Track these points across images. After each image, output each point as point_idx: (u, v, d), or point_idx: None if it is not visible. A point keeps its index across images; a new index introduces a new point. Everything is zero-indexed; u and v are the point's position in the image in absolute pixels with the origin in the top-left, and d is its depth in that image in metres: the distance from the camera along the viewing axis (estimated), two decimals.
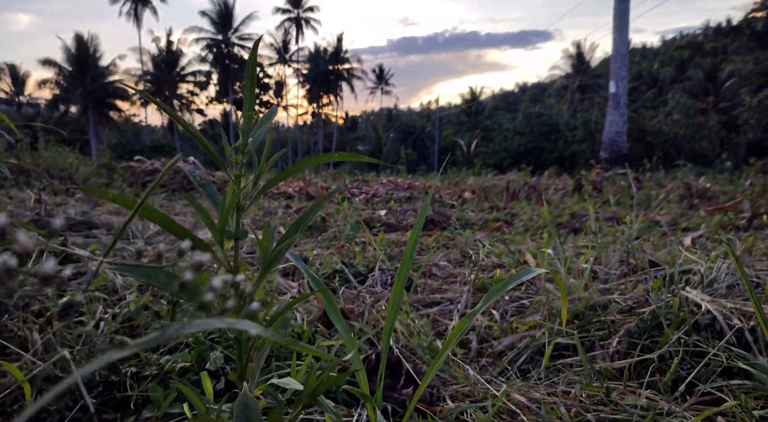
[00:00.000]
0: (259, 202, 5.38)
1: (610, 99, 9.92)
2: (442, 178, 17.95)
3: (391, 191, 6.67)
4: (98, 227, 2.74)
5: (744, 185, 5.44)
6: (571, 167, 36.02)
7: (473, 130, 56.71)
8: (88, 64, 38.72)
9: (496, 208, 5.21)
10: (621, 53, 9.63)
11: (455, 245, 2.87)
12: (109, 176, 6.73)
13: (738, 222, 3.42)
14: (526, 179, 6.74)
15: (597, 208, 4.93)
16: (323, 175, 15.63)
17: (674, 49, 54.70)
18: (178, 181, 6.77)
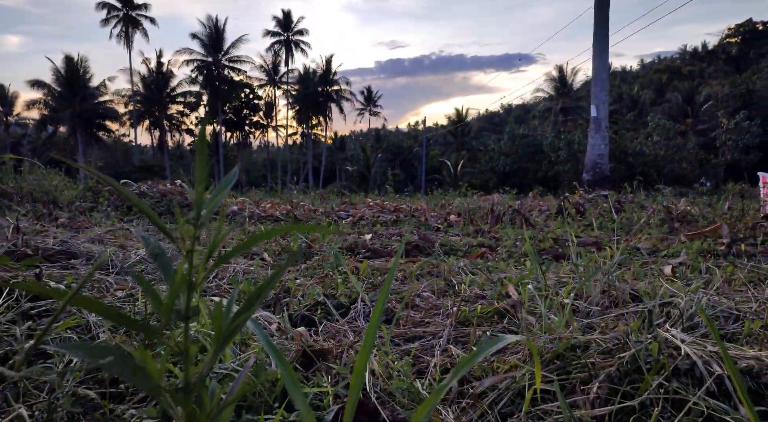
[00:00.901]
0: (245, 227, 5.33)
1: (592, 122, 10.12)
2: (428, 199, 18.02)
3: (378, 214, 6.67)
4: (78, 256, 2.69)
5: (723, 208, 5.54)
6: (556, 187, 36.50)
7: (460, 151, 57.33)
8: (78, 85, 38.57)
9: (481, 232, 5.23)
10: (601, 79, 9.87)
11: (439, 273, 2.86)
12: (95, 200, 6.64)
13: (717, 248, 3.47)
14: (510, 203, 6.80)
15: (580, 232, 4.98)
16: (312, 196, 15.62)
17: (653, 72, 56.30)
18: (165, 204, 6.70)
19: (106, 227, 4.93)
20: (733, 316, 1.83)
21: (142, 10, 40.46)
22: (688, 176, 30.32)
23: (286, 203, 7.44)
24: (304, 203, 7.33)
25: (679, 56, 67.09)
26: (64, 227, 4.89)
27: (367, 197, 17.23)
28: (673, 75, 50.36)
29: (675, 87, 44.09)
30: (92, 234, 3.63)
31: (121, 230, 4.14)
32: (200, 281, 0.64)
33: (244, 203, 7.17)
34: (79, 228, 4.81)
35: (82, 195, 6.71)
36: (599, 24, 9.88)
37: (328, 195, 15.54)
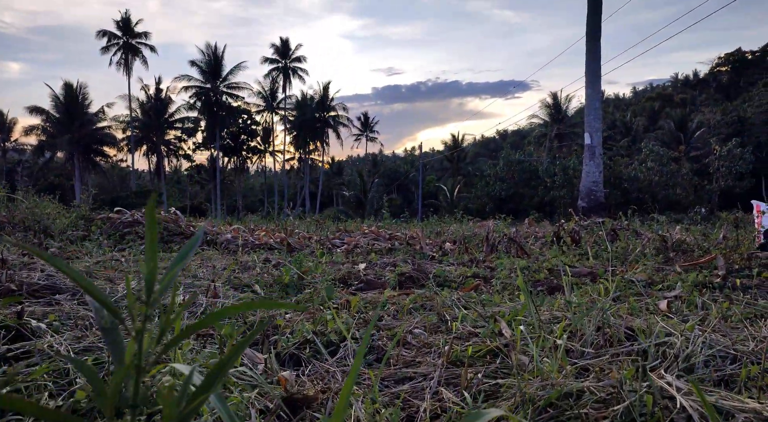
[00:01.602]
0: (238, 256, 5.28)
1: (586, 150, 10.22)
2: (424, 225, 17.99)
3: (373, 242, 6.64)
4: (63, 291, 2.63)
5: (718, 237, 5.53)
6: (552, 212, 36.62)
7: (456, 176, 57.68)
8: (77, 112, 38.88)
9: (476, 261, 5.19)
10: (594, 107, 10.01)
11: (433, 307, 2.82)
12: (87, 228, 6.59)
13: (713, 280, 3.44)
14: (506, 231, 6.78)
15: (575, 261, 4.94)
16: (307, 222, 15.57)
17: (645, 100, 57.28)
18: (158, 232, 6.64)
19: (96, 257, 4.87)
20: (731, 356, 1.79)
21: (143, 38, 41.18)
22: (683, 201, 30.49)
23: (281, 230, 7.40)
24: (299, 231, 7.29)
25: (671, 84, 68.46)
26: (54, 257, 4.83)
27: (363, 223, 17.21)
28: (665, 102, 51.23)
29: (667, 114, 44.80)
30: (82, 266, 3.58)
31: (111, 262, 4.09)
32: (152, 364, 0.60)
33: (238, 230, 7.13)
34: (70, 258, 4.75)
35: (75, 223, 6.66)
36: (591, 55, 10.08)
37: (324, 221, 15.50)
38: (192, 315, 2.48)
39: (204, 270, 4.04)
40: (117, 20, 40.43)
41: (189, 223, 7.15)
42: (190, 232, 6.76)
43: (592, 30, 10.06)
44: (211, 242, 6.46)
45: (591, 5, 10.10)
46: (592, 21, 10.09)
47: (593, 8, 10.08)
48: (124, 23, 40.25)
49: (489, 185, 43.86)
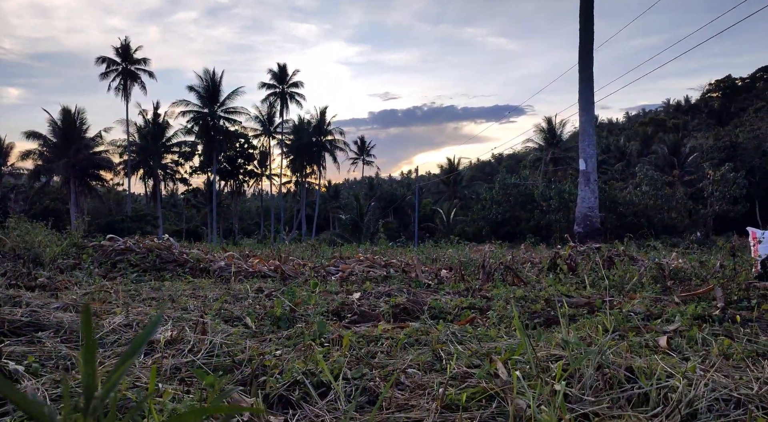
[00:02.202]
0: (231, 285, 5.20)
1: (581, 176, 10.27)
2: (420, 250, 17.90)
3: (368, 269, 6.57)
4: (46, 328, 2.56)
5: (715, 265, 5.50)
6: (548, 235, 36.62)
7: (452, 199, 57.84)
8: (74, 137, 39.02)
9: (473, 290, 5.13)
10: (588, 134, 10.11)
11: (427, 342, 2.75)
12: (78, 256, 6.50)
13: (712, 312, 3.39)
14: (502, 259, 6.73)
15: (572, 290, 4.89)
16: (303, 246, 15.49)
17: (639, 125, 58.06)
18: (151, 260, 6.56)
19: (85, 288, 4.78)
20: (734, 400, 1.74)
21: (141, 64, 41.70)
22: (678, 225, 30.59)
23: (276, 256, 7.33)
24: (294, 258, 7.22)
25: (663, 109, 69.55)
26: (43, 288, 4.74)
27: (359, 247, 17.12)
28: (658, 127, 51.96)
29: (660, 139, 45.37)
30: (69, 299, 3.50)
31: (99, 293, 4.00)
32: None
33: (232, 257, 7.06)
34: (58, 289, 4.66)
35: (66, 251, 6.58)
36: (584, 84, 10.24)
37: (320, 246, 15.42)
38: (179, 353, 2.40)
39: (195, 301, 3.96)
40: (116, 47, 41.03)
41: (182, 250, 7.07)
42: (183, 259, 6.68)
43: (584, 60, 10.24)
44: (204, 270, 6.38)
45: (583, 37, 10.31)
46: (584, 51, 10.28)
47: (585, 39, 10.28)
48: (124, 50, 40.81)
49: (485, 208, 43.96)
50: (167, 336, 2.53)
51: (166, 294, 4.43)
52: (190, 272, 6.31)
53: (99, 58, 40.39)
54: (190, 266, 6.49)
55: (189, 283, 5.42)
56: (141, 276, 6.01)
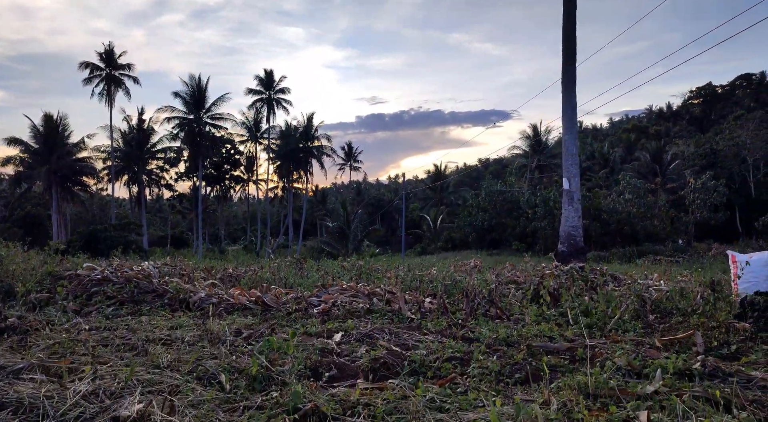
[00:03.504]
0: (209, 323, 5.09)
1: (564, 195, 10.33)
2: (406, 263, 17.84)
3: (352, 299, 6.50)
4: (5, 406, 2.45)
5: (696, 300, 5.54)
6: (534, 242, 36.88)
7: (439, 205, 58.01)
8: (56, 143, 38.33)
9: (456, 326, 5.11)
10: (571, 153, 10.18)
11: (407, 410, 2.70)
12: (53, 286, 6.33)
13: (693, 364, 3.39)
14: (486, 286, 6.70)
15: (554, 328, 4.88)
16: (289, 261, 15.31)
17: (622, 131, 58.89)
18: (129, 290, 6.42)
19: (57, 329, 4.65)
20: None
21: (126, 70, 41.15)
22: (660, 233, 31.02)
23: (257, 284, 7.22)
24: (275, 287, 7.11)
25: (646, 115, 70.66)
26: (13, 330, 4.60)
27: (345, 261, 17.01)
28: (641, 134, 52.74)
29: (643, 146, 46.03)
30: (35, 356, 3.38)
31: (69, 343, 3.88)
32: None
33: (213, 286, 6.94)
34: (28, 332, 4.53)
35: (41, 281, 6.40)
36: (567, 103, 10.31)
37: (305, 260, 15.29)
38: None
39: (170, 352, 3.86)
40: (100, 52, 40.44)
41: (162, 280, 6.93)
42: (162, 289, 6.54)
43: (567, 79, 10.32)
44: (183, 302, 6.26)
45: (566, 56, 10.39)
46: (567, 70, 10.36)
47: (568, 58, 10.37)
48: (108, 55, 40.23)
49: (471, 215, 44.15)
50: (133, 413, 2.44)
51: (140, 338, 4.32)
52: (169, 304, 6.18)
53: (82, 64, 39.78)
54: (169, 296, 6.36)
55: (167, 320, 5.31)
56: (118, 310, 5.88)
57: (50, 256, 16.93)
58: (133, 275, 6.70)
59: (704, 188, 29.14)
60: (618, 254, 27.36)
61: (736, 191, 36.65)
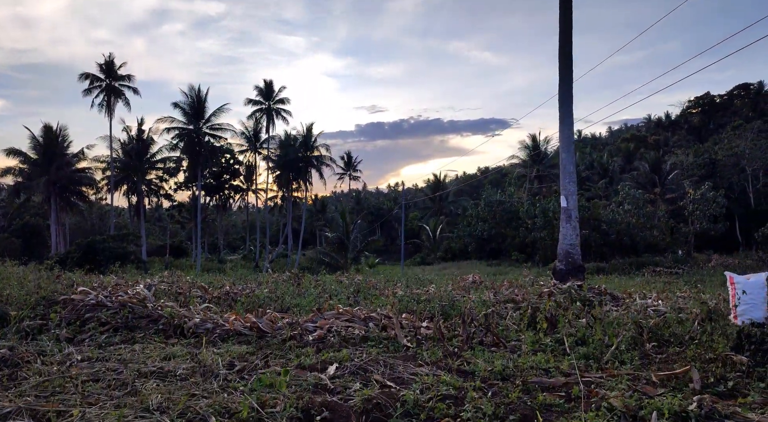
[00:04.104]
0: (203, 353, 5.05)
1: (563, 213, 10.32)
2: (405, 276, 17.77)
3: (347, 325, 6.46)
4: None
5: (694, 327, 5.51)
6: (533, 252, 36.84)
7: (438, 215, 57.99)
8: (55, 154, 38.39)
9: (452, 356, 5.08)
10: (569, 171, 10.18)
11: None
12: (47, 312, 6.29)
13: (688, 405, 3.36)
14: (481, 314, 6.65)
15: (551, 360, 4.83)
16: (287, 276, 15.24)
17: (621, 141, 59.02)
18: (123, 316, 6.37)
19: (49, 362, 4.61)
20: None
21: (125, 80, 41.31)
22: (660, 243, 30.98)
23: (252, 312, 7.18)
24: (270, 311, 7.06)
25: (645, 125, 70.86)
26: (3, 362, 4.56)
27: (343, 275, 16.95)
28: (639, 143, 52.85)
29: (642, 155, 46.09)
30: (22, 400, 3.34)
31: (57, 381, 3.84)
32: None
33: (208, 311, 6.89)
34: (19, 365, 4.49)
35: (34, 307, 6.36)
36: (564, 121, 10.33)
37: (303, 275, 15.23)
38: None
39: (162, 388, 3.82)
40: (100, 63, 40.62)
41: (158, 303, 6.88)
42: (157, 314, 6.50)
43: (564, 98, 10.35)
44: (178, 328, 6.21)
45: (562, 75, 10.44)
46: (563, 90, 10.40)
47: (564, 78, 10.41)
48: (108, 66, 40.40)
49: (471, 225, 44.16)
50: None
51: (132, 372, 4.28)
52: (164, 330, 6.14)
53: (82, 75, 39.94)
54: (163, 322, 6.31)
55: (160, 349, 5.26)
56: (111, 337, 5.83)
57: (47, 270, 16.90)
58: (128, 299, 6.66)
59: (703, 199, 29.14)
60: (618, 265, 27.31)
61: (735, 200, 36.66)
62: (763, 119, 45.80)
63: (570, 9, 10.75)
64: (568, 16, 10.83)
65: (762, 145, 37.89)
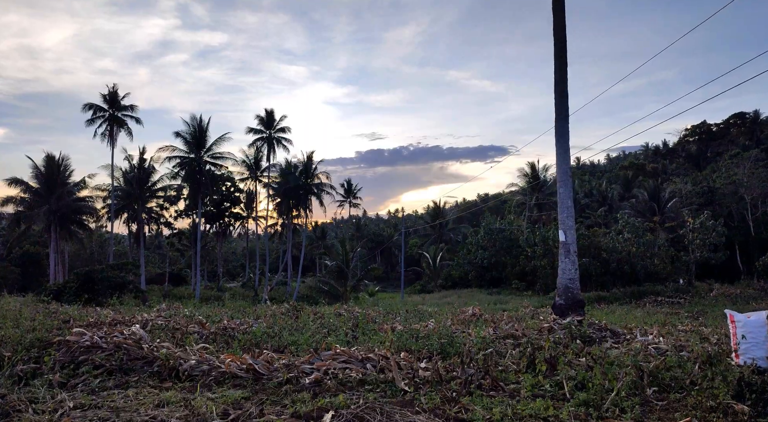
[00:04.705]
0: (197, 398, 4.99)
1: (561, 247, 10.31)
2: (405, 308, 17.62)
3: (345, 367, 6.38)
4: None
5: (694, 369, 5.45)
6: (533, 281, 36.60)
7: (438, 242, 57.85)
8: (56, 183, 38.61)
9: (450, 402, 5.01)
10: (566, 205, 10.23)
11: None
12: (40, 355, 6.22)
13: None
14: (480, 355, 6.58)
15: (549, 407, 4.76)
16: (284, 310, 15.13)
17: (619, 168, 59.40)
18: (118, 358, 6.31)
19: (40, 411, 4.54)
20: None
21: (129, 110, 41.89)
22: (661, 272, 30.81)
23: (248, 352, 7.10)
24: (267, 352, 6.98)
25: (642, 152, 71.44)
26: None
27: (342, 307, 16.82)
28: (638, 171, 53.19)
29: (641, 183, 46.32)
30: None
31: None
32: None
33: (204, 352, 6.82)
34: (9, 415, 4.43)
35: (28, 348, 6.30)
36: (561, 155, 10.45)
37: (302, 308, 15.12)
38: None
39: None
40: (104, 94, 41.28)
41: (153, 344, 6.82)
42: (153, 356, 6.43)
43: (560, 133, 10.50)
44: (173, 370, 6.14)
45: (558, 110, 10.61)
46: (560, 125, 10.55)
47: (560, 113, 10.58)
48: (111, 96, 41.04)
49: (471, 252, 44.03)
50: None
51: None
52: (158, 373, 6.07)
53: (86, 105, 40.52)
54: (159, 364, 6.24)
55: (154, 395, 5.19)
56: (105, 380, 5.76)
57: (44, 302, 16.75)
58: (123, 340, 6.60)
59: (703, 228, 29.13)
60: (619, 294, 27.09)
61: (735, 229, 36.65)
62: (760, 148, 46.22)
63: (564, 48, 11.02)
64: (563, 54, 11.09)
65: (760, 173, 38.12)
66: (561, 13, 11.19)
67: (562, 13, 11.18)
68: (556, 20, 11.21)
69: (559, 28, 11.18)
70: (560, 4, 11.33)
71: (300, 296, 43.16)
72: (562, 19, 11.12)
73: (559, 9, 11.31)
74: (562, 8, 11.37)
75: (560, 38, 11.11)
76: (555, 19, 11.28)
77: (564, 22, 11.16)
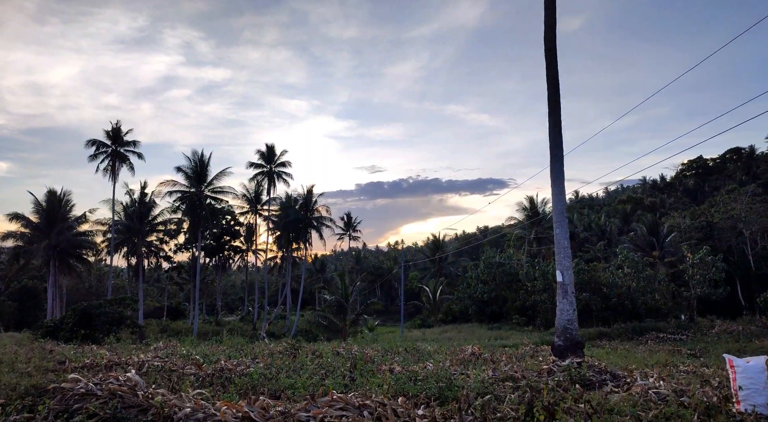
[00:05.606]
0: None
1: (559, 288, 10.33)
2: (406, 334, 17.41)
3: (341, 414, 6.32)
4: None
5: (693, 419, 5.41)
6: (534, 316, 36.24)
7: (438, 276, 57.55)
8: (57, 218, 38.79)
9: None
10: (563, 246, 10.31)
11: None
12: (35, 403, 6.18)
13: None
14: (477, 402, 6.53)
15: None
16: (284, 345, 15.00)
17: (618, 202, 59.75)
18: (112, 407, 6.26)
19: None
20: None
21: (131, 146, 42.51)
22: (662, 308, 30.56)
23: (245, 398, 7.05)
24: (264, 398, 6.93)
25: (641, 186, 72.02)
26: None
27: (340, 345, 16.63)
28: (636, 205, 53.48)
29: (639, 217, 46.49)
30: None
31: None
32: None
33: (200, 398, 6.76)
34: None
35: (23, 396, 6.26)
36: (556, 196, 10.61)
37: (300, 346, 14.96)
38: None
39: None
40: (107, 130, 41.98)
41: (149, 390, 6.77)
42: (147, 404, 6.38)
43: (555, 174, 10.69)
44: (168, 419, 6.08)
45: (553, 152, 10.85)
46: (554, 166, 10.77)
47: (555, 154, 10.81)
48: (114, 132, 41.73)
49: (471, 286, 43.74)
50: None
51: None
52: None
53: (89, 141, 41.14)
54: (153, 412, 6.19)
55: None
56: None
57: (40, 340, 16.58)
58: (118, 387, 6.56)
59: (703, 263, 29.08)
60: (620, 330, 26.77)
61: (735, 264, 36.55)
62: (756, 183, 46.63)
63: (558, 93, 11.35)
64: (556, 99, 11.42)
65: (758, 208, 38.33)
66: (553, 67, 11.48)
67: (554, 66, 11.47)
68: (549, 72, 11.57)
69: (552, 76, 11.54)
70: (552, 55, 11.71)
71: (299, 330, 42.57)
72: (555, 72, 11.41)
73: (551, 59, 11.70)
74: (554, 55, 11.76)
75: (553, 82, 11.42)
76: (548, 71, 11.67)
77: (557, 74, 11.46)
